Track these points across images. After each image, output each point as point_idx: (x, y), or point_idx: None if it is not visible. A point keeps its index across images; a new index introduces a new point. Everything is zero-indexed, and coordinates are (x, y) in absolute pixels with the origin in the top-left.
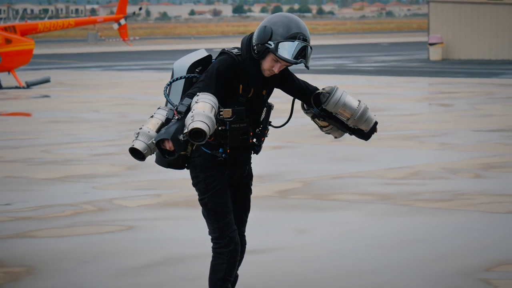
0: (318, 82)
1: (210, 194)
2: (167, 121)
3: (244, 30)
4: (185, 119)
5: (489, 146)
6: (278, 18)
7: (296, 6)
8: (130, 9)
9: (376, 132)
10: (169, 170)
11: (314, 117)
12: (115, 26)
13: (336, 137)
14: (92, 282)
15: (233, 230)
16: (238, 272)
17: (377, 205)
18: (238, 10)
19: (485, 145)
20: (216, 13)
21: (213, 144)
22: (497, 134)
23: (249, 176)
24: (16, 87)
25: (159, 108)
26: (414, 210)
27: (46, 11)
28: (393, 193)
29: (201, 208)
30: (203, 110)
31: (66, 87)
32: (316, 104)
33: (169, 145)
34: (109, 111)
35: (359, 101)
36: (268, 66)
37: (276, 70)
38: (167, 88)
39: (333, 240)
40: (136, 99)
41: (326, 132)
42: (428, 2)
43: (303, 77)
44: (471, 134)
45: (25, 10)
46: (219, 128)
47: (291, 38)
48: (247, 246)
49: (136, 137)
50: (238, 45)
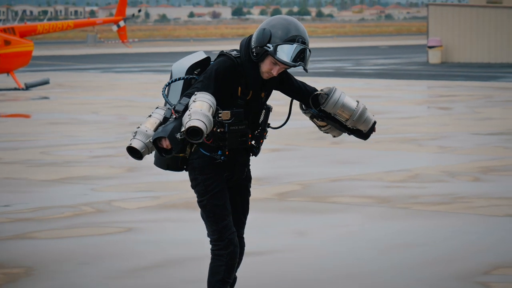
0: (317, 85)
1: (209, 196)
2: (165, 120)
3: (243, 33)
4: (183, 118)
5: (488, 150)
6: (277, 21)
7: (295, 9)
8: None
9: (375, 132)
10: (168, 172)
11: (313, 117)
12: (114, 28)
13: (335, 136)
14: (91, 284)
15: (232, 232)
16: (237, 274)
17: (376, 208)
18: (237, 13)
19: (484, 149)
20: (215, 16)
21: (212, 146)
22: (496, 138)
23: (248, 178)
24: (15, 89)
25: (158, 108)
26: (413, 213)
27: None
28: (392, 196)
29: (200, 210)
30: (201, 109)
31: (65, 89)
32: (315, 105)
33: (166, 144)
34: (108, 113)
35: (358, 102)
36: (267, 69)
37: (275, 73)
38: (166, 89)
39: (332, 243)
40: (135, 101)
41: (325, 132)
42: (428, 5)
43: (302, 80)
44: (470, 137)
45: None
46: (218, 130)
47: (290, 41)
48: (246, 248)
49: (134, 136)
50: (237, 47)
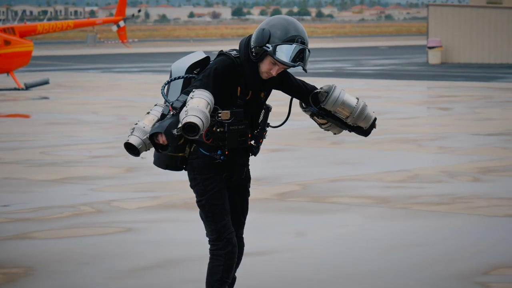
0: (317, 85)
1: (208, 196)
2: (163, 117)
3: (243, 33)
4: (180, 114)
5: (488, 150)
6: (277, 21)
7: (295, 9)
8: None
9: (375, 128)
10: (168, 172)
11: (313, 115)
12: (114, 28)
13: (335, 133)
14: (91, 284)
15: (231, 232)
16: (237, 274)
17: (376, 208)
18: (237, 13)
19: (484, 149)
20: (215, 16)
21: (212, 146)
22: (496, 138)
23: (247, 178)
24: (15, 89)
25: (156, 105)
26: (413, 214)
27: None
28: (392, 196)
29: (199, 210)
30: (198, 105)
31: (65, 89)
32: (315, 103)
33: (163, 139)
34: (108, 113)
35: (358, 99)
36: (266, 69)
37: (274, 73)
38: (165, 87)
39: (332, 243)
40: (135, 101)
41: (325, 129)
42: (428, 6)
43: (302, 79)
44: (470, 138)
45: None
46: (218, 130)
47: (289, 41)
48: (245, 248)
49: (132, 133)
50: (237, 47)
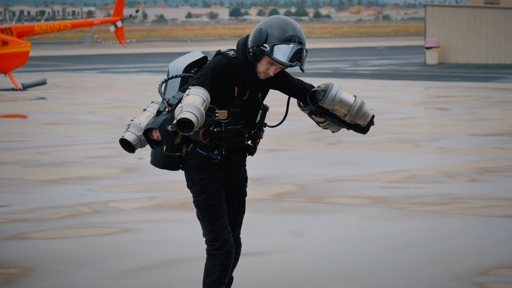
0: (315, 85)
1: (205, 196)
2: (158, 114)
3: (241, 33)
4: (175, 110)
5: (486, 150)
6: (274, 21)
7: (293, 10)
8: (127, 12)
9: (374, 125)
10: (165, 173)
11: (311, 114)
12: (112, 29)
13: (333, 132)
14: (89, 284)
15: (227, 232)
16: (234, 275)
17: (373, 209)
18: (235, 13)
19: (482, 149)
20: (213, 16)
21: (209, 146)
22: (494, 138)
23: (244, 179)
24: (13, 89)
25: (153, 102)
26: (410, 214)
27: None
28: (389, 197)
29: (196, 210)
30: (193, 102)
31: (63, 89)
32: (312, 102)
33: (157, 135)
34: (106, 114)
35: (355, 97)
36: (264, 69)
37: (272, 73)
38: (162, 85)
39: (329, 243)
40: (133, 102)
41: (324, 128)
42: (425, 6)
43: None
44: (468, 138)
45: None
46: (215, 130)
47: (287, 41)
48: (243, 249)
49: (127, 129)
50: (234, 48)
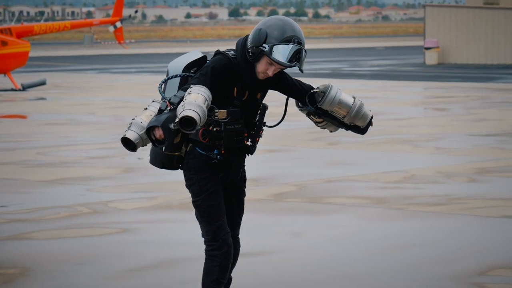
0: (314, 86)
1: (204, 196)
2: (160, 112)
3: (240, 34)
4: (177, 109)
5: (485, 151)
6: (273, 21)
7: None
8: (126, 12)
9: (372, 126)
10: (165, 173)
11: (309, 114)
12: (111, 29)
13: (331, 131)
14: (89, 284)
15: (226, 233)
16: (232, 275)
17: (372, 209)
18: (234, 14)
19: (481, 150)
20: (212, 17)
21: (208, 145)
22: (493, 139)
23: (243, 179)
24: (12, 90)
25: (154, 101)
26: (409, 214)
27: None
28: (388, 197)
29: (195, 210)
30: (195, 100)
31: (62, 90)
32: (311, 103)
33: (159, 133)
34: (105, 114)
35: (354, 98)
36: (263, 69)
37: (271, 73)
38: (162, 85)
39: (328, 244)
40: (132, 102)
41: (322, 127)
42: (424, 6)
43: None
44: (467, 139)
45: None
46: (214, 129)
47: (286, 41)
48: (241, 249)
49: (129, 128)
50: (234, 48)
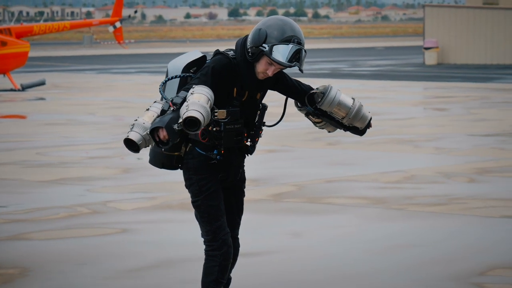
0: (313, 86)
1: (203, 197)
2: (163, 113)
3: (240, 34)
4: (180, 109)
5: (484, 151)
6: (273, 21)
7: (292, 10)
8: (126, 12)
9: (371, 127)
10: (164, 173)
11: (308, 114)
12: (111, 29)
13: (330, 131)
14: (88, 284)
15: (226, 233)
16: (232, 275)
17: (371, 209)
18: (234, 14)
19: (480, 150)
20: (212, 17)
21: (208, 145)
22: (493, 139)
23: (242, 180)
24: (12, 90)
25: (155, 102)
26: (409, 214)
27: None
28: (388, 197)
29: (194, 210)
30: (198, 100)
31: (62, 90)
32: (311, 103)
33: (163, 134)
34: (105, 114)
35: (353, 99)
36: (262, 69)
37: (270, 73)
38: (162, 86)
39: (327, 244)
40: (132, 102)
41: (320, 127)
42: (424, 7)
43: (297, 79)
44: (466, 139)
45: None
46: (214, 129)
47: (286, 41)
48: (241, 249)
49: (131, 129)
50: (233, 47)
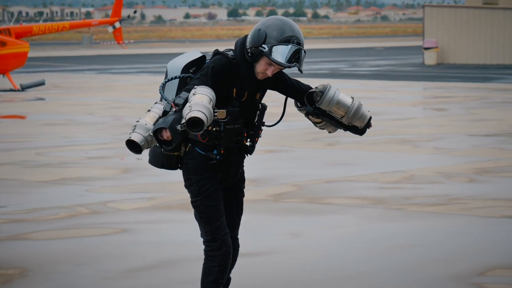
0: (313, 86)
1: (203, 197)
2: (165, 114)
3: (239, 34)
4: (183, 110)
5: (484, 151)
6: (272, 21)
7: (291, 10)
8: (125, 12)
9: (371, 127)
10: (164, 173)
11: (308, 114)
12: (110, 29)
13: (330, 132)
14: (87, 284)
15: (225, 233)
16: (231, 275)
17: (371, 209)
18: (233, 14)
19: (480, 150)
20: (211, 17)
21: (207, 145)
22: (492, 139)
23: (242, 180)
24: (11, 90)
25: (156, 103)
26: (408, 214)
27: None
28: (387, 197)
29: (194, 211)
30: (201, 101)
31: (61, 90)
32: (310, 103)
33: (167, 135)
34: (104, 114)
35: (353, 98)
36: (262, 69)
37: (270, 73)
38: (162, 87)
39: (328, 244)
40: (131, 102)
41: (320, 128)
42: (423, 7)
43: (296, 79)
44: (466, 139)
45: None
46: (214, 129)
47: (285, 42)
48: (240, 249)
49: (133, 130)
50: (232, 47)
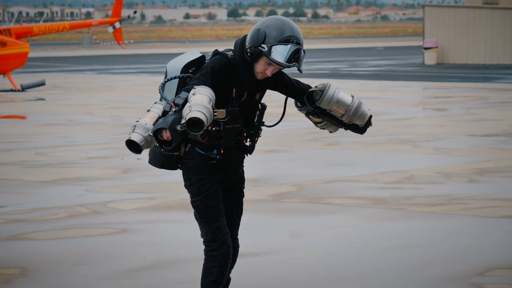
0: (312, 86)
1: (203, 197)
2: (164, 114)
3: (239, 34)
4: (183, 110)
5: (484, 151)
6: (272, 21)
7: (291, 10)
8: (125, 13)
9: (371, 126)
10: (163, 173)
11: (308, 114)
12: (110, 30)
13: (331, 132)
14: (87, 285)
15: (225, 233)
16: (231, 275)
17: (371, 209)
18: (233, 14)
19: (480, 150)
20: (211, 17)
21: (207, 145)
22: (492, 139)
23: (242, 180)
24: (11, 90)
25: (156, 103)
26: (408, 215)
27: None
28: (387, 197)
29: (193, 211)
30: (201, 101)
31: (61, 90)
32: (310, 102)
33: (167, 135)
34: (104, 114)
35: (353, 97)
36: (261, 69)
37: (269, 73)
38: (162, 87)
39: (327, 244)
40: (131, 102)
41: (321, 128)
42: (423, 6)
43: (296, 79)
44: (466, 139)
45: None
46: (213, 129)
47: (284, 42)
48: (240, 249)
49: (133, 130)
50: (232, 47)
